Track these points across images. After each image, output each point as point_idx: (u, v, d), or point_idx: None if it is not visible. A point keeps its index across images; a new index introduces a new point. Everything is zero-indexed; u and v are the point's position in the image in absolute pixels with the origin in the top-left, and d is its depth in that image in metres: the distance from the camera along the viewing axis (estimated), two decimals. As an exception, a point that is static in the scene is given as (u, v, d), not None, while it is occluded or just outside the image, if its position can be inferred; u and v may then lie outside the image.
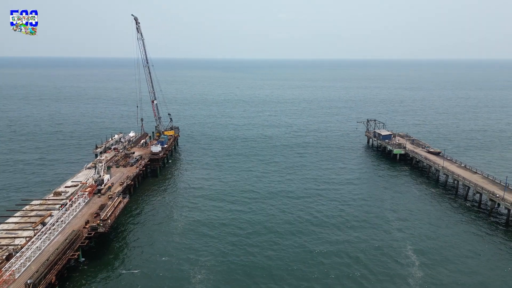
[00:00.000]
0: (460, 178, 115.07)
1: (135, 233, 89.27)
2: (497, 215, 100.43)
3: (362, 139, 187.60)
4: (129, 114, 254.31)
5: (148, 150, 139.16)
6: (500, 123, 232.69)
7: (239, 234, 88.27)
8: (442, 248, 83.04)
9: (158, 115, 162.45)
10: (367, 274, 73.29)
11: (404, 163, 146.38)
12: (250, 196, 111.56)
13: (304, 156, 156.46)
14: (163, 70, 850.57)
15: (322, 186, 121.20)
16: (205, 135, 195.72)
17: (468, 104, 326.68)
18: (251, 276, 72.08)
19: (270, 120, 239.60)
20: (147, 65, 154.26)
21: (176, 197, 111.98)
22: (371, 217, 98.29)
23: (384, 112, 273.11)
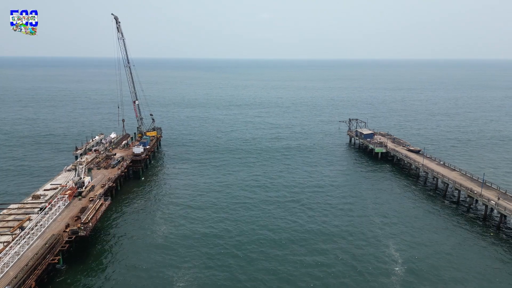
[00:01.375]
0: (439, 176, 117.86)
1: (117, 237, 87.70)
2: (475, 211, 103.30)
3: (344, 138, 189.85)
4: (110, 115, 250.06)
5: (130, 152, 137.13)
6: (477, 122, 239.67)
7: (223, 238, 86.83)
8: (423, 245, 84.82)
9: (140, 115, 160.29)
10: (351, 273, 74.19)
11: (385, 161, 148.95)
12: (234, 200, 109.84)
13: (287, 156, 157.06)
14: (144, 70, 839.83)
15: (306, 186, 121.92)
16: (189, 136, 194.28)
17: (447, 104, 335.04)
18: (236, 282, 71.13)
19: (253, 121, 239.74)
20: (128, 65, 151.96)
21: (159, 199, 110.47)
22: (354, 216, 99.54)
23: (365, 111, 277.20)
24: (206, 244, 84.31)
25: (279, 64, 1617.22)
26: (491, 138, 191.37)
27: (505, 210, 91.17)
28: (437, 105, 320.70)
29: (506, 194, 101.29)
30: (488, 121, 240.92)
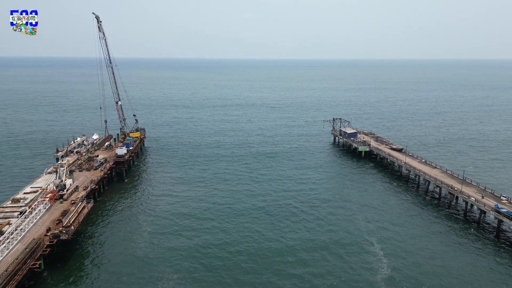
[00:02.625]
0: (421, 173, 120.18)
1: (100, 240, 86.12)
2: (455, 207, 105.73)
3: (328, 138, 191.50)
4: (92, 116, 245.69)
5: (113, 153, 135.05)
6: (457, 121, 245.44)
7: (208, 242, 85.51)
8: (406, 242, 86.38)
9: (123, 116, 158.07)
10: (337, 272, 74.94)
11: (369, 160, 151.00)
12: (219, 202, 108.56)
13: (272, 156, 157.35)
14: (129, 70, 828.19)
15: (291, 186, 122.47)
16: (173, 137, 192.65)
17: (428, 103, 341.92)
18: (223, 285, 70.47)
19: (238, 121, 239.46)
20: (110, 65, 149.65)
21: (143, 201, 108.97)
22: (338, 214, 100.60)
23: (349, 111, 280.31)
24: (191, 248, 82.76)
25: (264, 64, 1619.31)
26: (471, 137, 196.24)
27: (484, 206, 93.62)
28: (420, 104, 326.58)
29: (486, 191, 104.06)
30: (469, 120, 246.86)
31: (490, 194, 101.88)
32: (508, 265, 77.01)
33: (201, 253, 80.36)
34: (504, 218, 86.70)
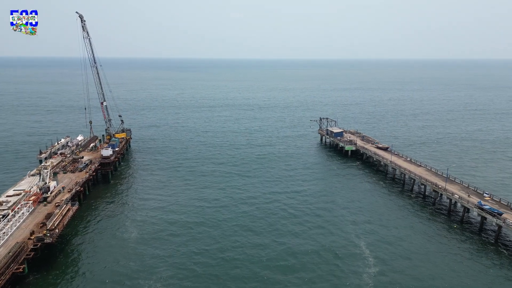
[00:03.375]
0: (406, 171, 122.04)
1: (85, 244, 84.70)
2: (440, 205, 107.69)
3: (315, 137, 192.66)
4: (76, 117, 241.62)
5: (98, 154, 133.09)
6: (441, 120, 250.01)
7: (196, 245, 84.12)
8: (392, 239, 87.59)
9: (108, 117, 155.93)
10: (326, 271, 75.47)
11: (355, 159, 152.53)
12: (206, 203, 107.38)
13: (260, 156, 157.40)
14: (115, 70, 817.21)
15: (279, 186, 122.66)
16: (159, 137, 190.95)
17: (414, 103, 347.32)
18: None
19: (226, 122, 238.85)
20: (95, 65, 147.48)
21: (129, 204, 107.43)
22: (326, 213, 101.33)
23: (335, 110, 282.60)
24: (178, 252, 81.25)
25: (251, 64, 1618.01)
26: (455, 136, 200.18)
27: (468, 203, 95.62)
28: (405, 105, 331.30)
29: (469, 188, 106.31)
30: (453, 119, 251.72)
31: (473, 191, 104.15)
32: (491, 260, 78.82)
33: (188, 257, 79.29)
34: (487, 214, 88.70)
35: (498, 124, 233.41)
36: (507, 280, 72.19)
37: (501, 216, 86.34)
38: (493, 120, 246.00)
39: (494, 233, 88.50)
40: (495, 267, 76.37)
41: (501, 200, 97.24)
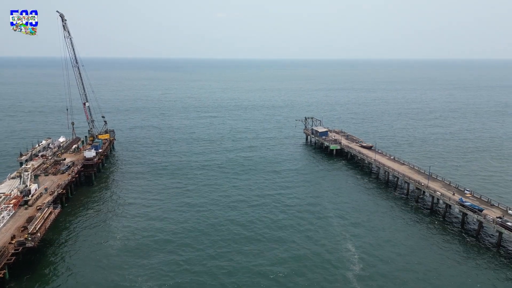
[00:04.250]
0: (390, 170, 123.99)
1: (68, 248, 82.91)
2: (423, 202, 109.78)
3: (301, 137, 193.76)
4: (58, 118, 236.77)
5: (81, 156, 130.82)
6: (423, 119, 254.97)
7: (182, 249, 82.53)
8: (377, 236, 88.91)
9: (91, 118, 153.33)
10: (311, 268, 76.01)
11: (340, 158, 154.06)
12: (191, 205, 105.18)
13: (246, 158, 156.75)
14: (95, 70, 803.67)
15: (266, 186, 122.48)
16: (144, 138, 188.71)
17: (398, 103, 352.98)
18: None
19: (211, 123, 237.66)
20: (77, 65, 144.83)
21: (113, 206, 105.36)
22: (312, 212, 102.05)
23: (320, 110, 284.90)
24: (164, 255, 79.36)
25: (237, 64, 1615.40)
26: (437, 134, 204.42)
27: (449, 200, 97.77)
28: (389, 104, 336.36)
29: (450, 185, 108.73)
30: (434, 119, 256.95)
31: (454, 188, 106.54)
32: (472, 255, 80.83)
33: (174, 261, 77.80)
34: (468, 211, 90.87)
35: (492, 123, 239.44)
36: (488, 275, 74.09)
37: (481, 212, 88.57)
38: (473, 119, 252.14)
39: (475, 229, 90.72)
40: (476, 262, 78.26)
41: (481, 196, 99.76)
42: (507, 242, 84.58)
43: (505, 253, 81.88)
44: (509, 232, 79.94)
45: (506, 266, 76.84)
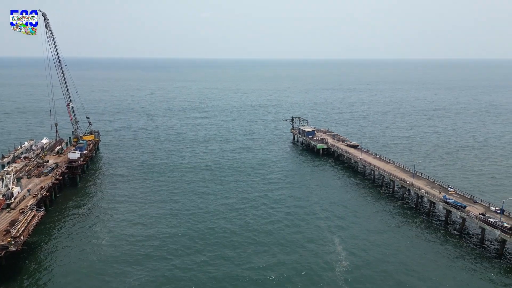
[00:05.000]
0: (376, 168, 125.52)
1: (53, 252, 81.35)
2: (408, 199, 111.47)
3: (288, 136, 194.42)
4: (40, 119, 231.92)
5: (65, 157, 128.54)
6: (407, 119, 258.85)
7: (168, 251, 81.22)
8: (363, 233, 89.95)
9: (74, 119, 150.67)
10: (299, 265, 76.36)
11: (327, 157, 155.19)
12: (178, 207, 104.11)
13: (234, 158, 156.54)
14: (78, 70, 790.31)
15: (254, 186, 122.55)
16: (130, 140, 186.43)
17: (382, 102, 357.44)
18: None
19: (198, 123, 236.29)
20: (60, 65, 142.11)
21: (98, 209, 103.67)
22: (299, 211, 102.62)
23: (307, 110, 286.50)
24: (151, 259, 78.19)
25: (222, 64, 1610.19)
26: (421, 133, 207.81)
27: (434, 197, 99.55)
28: (374, 104, 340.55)
29: (434, 183, 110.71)
30: (418, 118, 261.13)
31: (438, 186, 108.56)
32: (456, 251, 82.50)
33: (161, 265, 76.41)
34: (452, 208, 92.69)
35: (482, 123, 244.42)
36: (472, 270, 75.73)
37: (464, 209, 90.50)
38: (456, 118, 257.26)
39: (459, 225, 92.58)
40: (460, 258, 79.93)
41: (464, 193, 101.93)
42: (490, 238, 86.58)
43: (488, 248, 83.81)
44: (491, 228, 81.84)
45: (488, 261, 78.67)
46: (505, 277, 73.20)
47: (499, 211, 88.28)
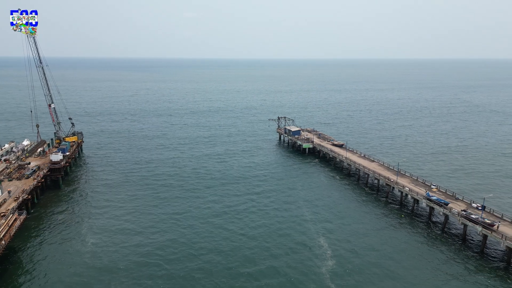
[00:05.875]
0: (361, 167, 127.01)
1: (35, 256, 79.51)
2: (392, 197, 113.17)
3: (274, 136, 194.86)
4: (21, 121, 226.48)
5: (47, 159, 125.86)
6: (391, 118, 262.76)
7: (154, 256, 79.86)
8: (349, 231, 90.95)
9: (57, 120, 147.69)
10: (285, 266, 76.72)
11: (313, 156, 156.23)
12: (164, 210, 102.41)
13: (220, 158, 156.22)
14: (63, 70, 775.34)
15: (240, 187, 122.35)
16: (114, 141, 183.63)
17: (366, 102, 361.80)
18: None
19: (183, 124, 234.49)
20: (41, 65, 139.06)
21: (81, 211, 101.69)
22: (286, 211, 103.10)
23: (293, 109, 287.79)
24: (137, 263, 76.77)
25: (208, 64, 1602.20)
26: (404, 132, 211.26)
27: (417, 195, 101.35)
28: (359, 104, 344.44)
29: (418, 181, 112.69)
30: (402, 117, 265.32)
31: (421, 183, 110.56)
32: (439, 248, 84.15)
33: (145, 271, 74.93)
34: (435, 205, 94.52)
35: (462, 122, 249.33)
36: (454, 265, 77.37)
37: (447, 206, 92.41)
38: (439, 117, 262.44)
39: (442, 222, 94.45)
40: (443, 254, 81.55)
41: (447, 190, 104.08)
42: (472, 234, 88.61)
43: (470, 244, 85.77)
44: (473, 224, 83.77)
45: (470, 257, 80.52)
46: (486, 272, 75.02)
47: (480, 208, 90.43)
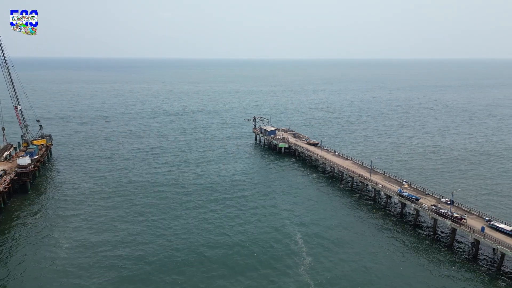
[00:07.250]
0: (335, 165, 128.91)
1: (3, 262, 76.55)
2: (366, 194, 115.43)
3: (250, 136, 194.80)
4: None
5: (14, 164, 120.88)
6: (364, 116, 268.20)
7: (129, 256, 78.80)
8: (324, 229, 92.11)
9: (24, 122, 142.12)
10: (262, 259, 76.75)
11: (289, 155, 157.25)
12: (134, 216, 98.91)
13: (196, 161, 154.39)
14: (28, 71, 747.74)
15: (217, 188, 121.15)
16: (84, 144, 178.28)
17: (341, 102, 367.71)
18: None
19: (158, 126, 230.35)
20: (6, 66, 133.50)
21: (50, 216, 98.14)
22: (262, 210, 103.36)
23: (269, 110, 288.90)
24: (113, 267, 75.01)
25: (183, 64, 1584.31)
26: (378, 130, 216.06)
27: (390, 191, 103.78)
28: (334, 104, 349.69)
29: (390, 178, 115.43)
30: (375, 116, 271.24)
31: (394, 180, 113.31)
32: (411, 241, 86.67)
33: (114, 275, 73.53)
34: (406, 200, 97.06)
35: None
36: (426, 258, 79.71)
37: (418, 201, 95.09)
38: (413, 116, 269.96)
39: (413, 217, 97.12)
40: (414, 247, 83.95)
41: (417, 187, 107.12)
42: (442, 228, 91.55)
43: (440, 237, 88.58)
44: (442, 219, 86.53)
45: (439, 250, 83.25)
46: (456, 264, 77.66)
47: (449, 202, 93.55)
